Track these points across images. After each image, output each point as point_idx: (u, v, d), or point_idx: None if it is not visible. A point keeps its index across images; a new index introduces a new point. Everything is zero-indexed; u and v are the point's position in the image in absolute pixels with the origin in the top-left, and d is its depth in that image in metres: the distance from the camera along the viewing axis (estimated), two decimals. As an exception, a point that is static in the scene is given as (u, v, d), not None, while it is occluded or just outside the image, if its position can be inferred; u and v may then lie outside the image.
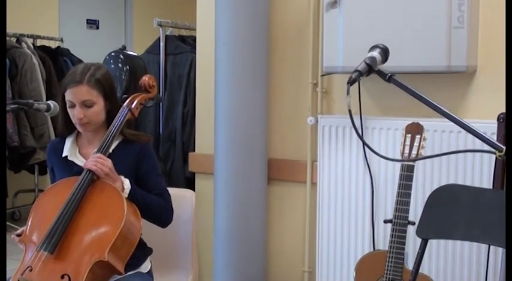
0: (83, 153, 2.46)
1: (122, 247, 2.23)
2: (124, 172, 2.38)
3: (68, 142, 2.49)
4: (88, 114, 2.37)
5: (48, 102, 2.38)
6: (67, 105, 2.40)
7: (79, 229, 2.23)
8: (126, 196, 2.31)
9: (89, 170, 2.28)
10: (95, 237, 2.21)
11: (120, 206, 2.23)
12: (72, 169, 2.41)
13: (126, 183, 2.34)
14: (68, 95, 2.37)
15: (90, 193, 2.29)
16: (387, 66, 1.87)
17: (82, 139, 2.50)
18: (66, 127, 2.49)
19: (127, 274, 2.39)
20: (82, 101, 2.35)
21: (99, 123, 2.42)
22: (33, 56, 5.60)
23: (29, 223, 2.33)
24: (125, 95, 2.53)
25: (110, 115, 2.43)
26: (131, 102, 2.49)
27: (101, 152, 2.34)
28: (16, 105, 2.35)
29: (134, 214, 2.30)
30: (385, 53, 1.75)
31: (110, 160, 2.32)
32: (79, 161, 2.43)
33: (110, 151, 2.40)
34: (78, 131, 2.50)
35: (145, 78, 2.57)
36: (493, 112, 2.57)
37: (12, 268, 2.32)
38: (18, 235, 2.33)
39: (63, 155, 2.47)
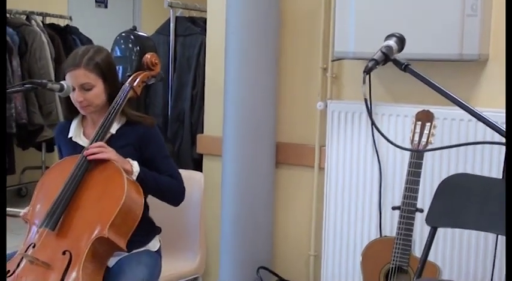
0: (87, 133, 2.48)
1: (123, 224, 2.24)
2: (127, 153, 2.39)
3: (74, 124, 2.51)
4: (87, 97, 2.38)
5: (62, 82, 2.39)
6: None
7: (80, 206, 2.26)
8: (135, 178, 2.33)
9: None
10: (96, 214, 2.24)
11: (120, 183, 2.24)
12: (77, 150, 2.42)
13: (135, 166, 2.35)
14: (67, 79, 2.39)
15: (91, 170, 2.31)
16: (399, 53, 1.87)
17: (87, 120, 2.52)
18: (69, 110, 2.52)
19: (134, 251, 2.43)
20: (80, 84, 2.36)
21: (100, 105, 2.42)
22: (42, 34, 5.61)
23: (33, 201, 2.36)
24: (128, 74, 2.53)
25: (112, 96, 2.43)
26: (133, 80, 2.49)
27: (103, 129, 2.35)
28: (30, 85, 2.36)
29: (136, 190, 2.31)
30: (401, 42, 1.75)
31: (110, 148, 2.33)
32: (82, 141, 2.46)
33: (113, 131, 2.41)
34: None
35: (148, 56, 2.57)
36: (504, 101, 2.57)
37: (15, 244, 2.35)
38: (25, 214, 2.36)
39: (69, 136, 2.49)
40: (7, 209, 2.44)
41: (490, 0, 2.75)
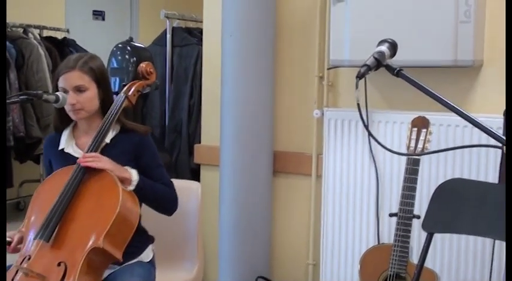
0: (79, 144, 2.44)
1: (119, 234, 2.22)
2: (123, 161, 2.37)
3: (64, 135, 2.48)
4: (81, 100, 2.35)
5: (57, 93, 2.37)
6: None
7: (75, 217, 2.24)
8: (134, 187, 2.32)
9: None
10: (90, 224, 2.22)
11: (115, 193, 2.23)
12: (70, 161, 2.39)
13: (134, 174, 2.34)
14: (61, 82, 2.37)
15: (86, 181, 2.29)
16: (394, 60, 1.87)
17: (78, 130, 2.49)
18: (61, 120, 2.48)
19: (127, 263, 2.40)
20: (74, 86, 2.35)
21: (93, 111, 2.40)
22: (39, 46, 5.61)
23: (29, 213, 2.35)
24: (123, 83, 2.52)
25: (105, 105, 2.42)
26: (128, 89, 2.47)
27: (98, 139, 2.33)
28: (25, 97, 2.34)
29: (131, 200, 2.30)
30: (393, 47, 1.75)
31: (105, 158, 2.31)
32: (75, 152, 2.42)
33: (108, 140, 2.39)
34: (75, 123, 2.49)
35: (143, 65, 2.55)
36: (499, 106, 2.57)
37: (13, 258, 2.33)
38: (9, 243, 2.32)
39: (60, 147, 2.46)
40: None
41: (483, 7, 2.77)
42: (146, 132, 2.50)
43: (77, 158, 2.34)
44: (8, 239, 2.33)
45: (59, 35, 6.27)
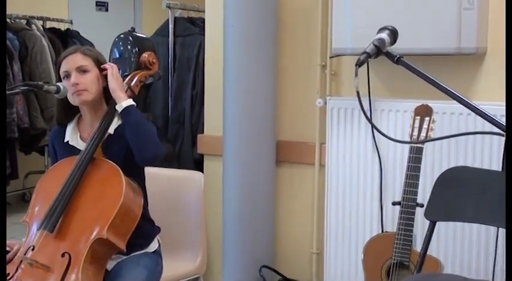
0: (84, 137, 2.45)
1: (122, 224, 2.24)
2: (124, 151, 2.37)
3: (69, 128, 2.49)
4: (83, 81, 2.36)
5: (58, 84, 2.38)
6: (62, 78, 2.39)
7: (79, 207, 2.25)
8: (124, 107, 2.32)
9: (88, 151, 2.30)
10: (94, 215, 2.23)
11: (118, 183, 2.24)
12: (74, 154, 2.39)
13: (128, 101, 2.34)
14: (64, 66, 2.38)
15: (89, 171, 2.30)
16: (397, 48, 1.86)
17: (83, 123, 2.49)
18: (65, 113, 2.49)
19: (133, 253, 2.41)
20: (77, 66, 2.37)
21: (96, 94, 2.39)
22: (42, 38, 5.62)
23: (32, 204, 2.36)
24: (126, 74, 2.51)
25: (107, 94, 2.42)
26: (131, 79, 2.48)
27: (101, 130, 2.33)
28: (26, 87, 2.35)
29: (134, 190, 2.31)
30: (393, 34, 1.73)
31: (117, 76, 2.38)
32: (80, 145, 2.42)
33: (111, 131, 2.39)
34: (79, 117, 2.50)
35: (146, 55, 2.57)
36: (502, 94, 2.56)
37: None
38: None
39: (65, 140, 2.47)
40: None
41: (486, -7, 2.75)
42: (147, 119, 2.49)
43: (81, 151, 2.34)
44: (7, 248, 2.33)
45: (62, 27, 6.28)
